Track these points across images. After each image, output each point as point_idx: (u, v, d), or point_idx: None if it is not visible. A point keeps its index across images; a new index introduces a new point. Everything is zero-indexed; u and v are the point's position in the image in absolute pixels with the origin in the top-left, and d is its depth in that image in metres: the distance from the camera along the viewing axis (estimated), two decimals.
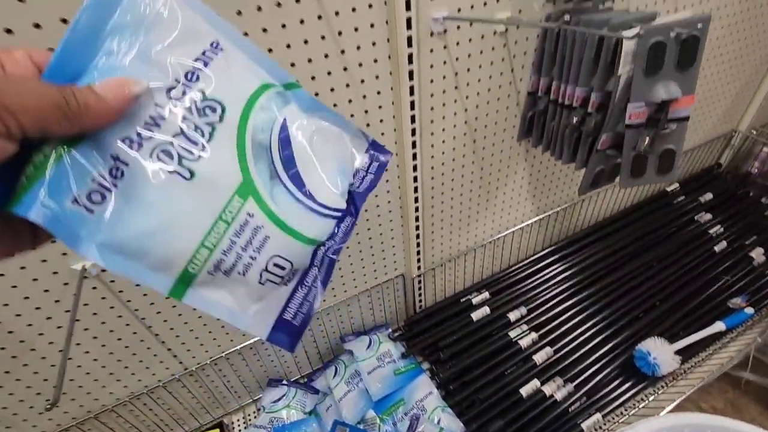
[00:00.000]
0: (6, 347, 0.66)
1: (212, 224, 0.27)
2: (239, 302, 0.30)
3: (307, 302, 0.33)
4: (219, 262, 0.28)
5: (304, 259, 0.32)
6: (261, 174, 0.29)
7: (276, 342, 0.31)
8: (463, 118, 0.84)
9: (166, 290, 0.27)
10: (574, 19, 0.70)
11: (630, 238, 1.27)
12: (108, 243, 0.25)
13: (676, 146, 0.69)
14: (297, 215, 0.30)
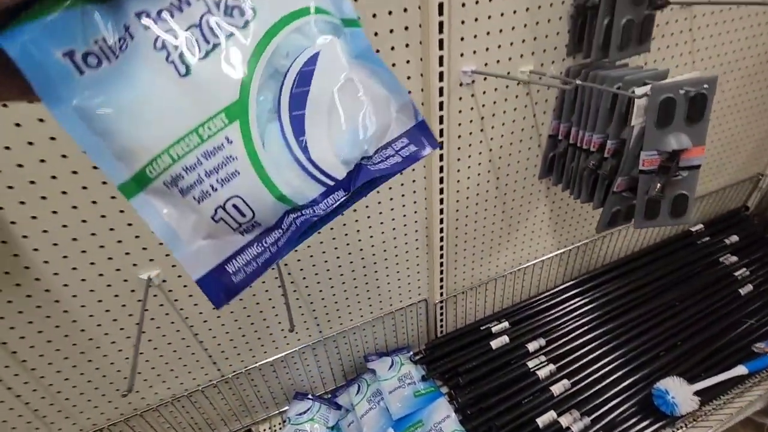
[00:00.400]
0: (77, 343, 0.75)
1: (185, 133, 0.25)
2: (185, 230, 0.27)
3: (255, 263, 0.29)
4: (177, 177, 0.25)
5: (270, 216, 0.28)
6: (261, 103, 0.26)
7: (205, 289, 0.28)
8: (488, 157, 0.91)
9: (118, 182, 0.26)
10: (592, 74, 0.77)
11: (652, 276, 1.29)
12: (83, 110, 0.24)
13: (689, 192, 0.73)
14: (279, 164, 0.27)
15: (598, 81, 0.76)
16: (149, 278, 0.73)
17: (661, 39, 0.92)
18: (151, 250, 0.72)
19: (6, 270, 0.64)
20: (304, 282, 0.90)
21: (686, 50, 0.97)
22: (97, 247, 0.67)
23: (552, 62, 0.84)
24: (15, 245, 0.62)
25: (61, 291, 0.69)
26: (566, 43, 0.83)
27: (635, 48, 0.75)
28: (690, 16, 0.92)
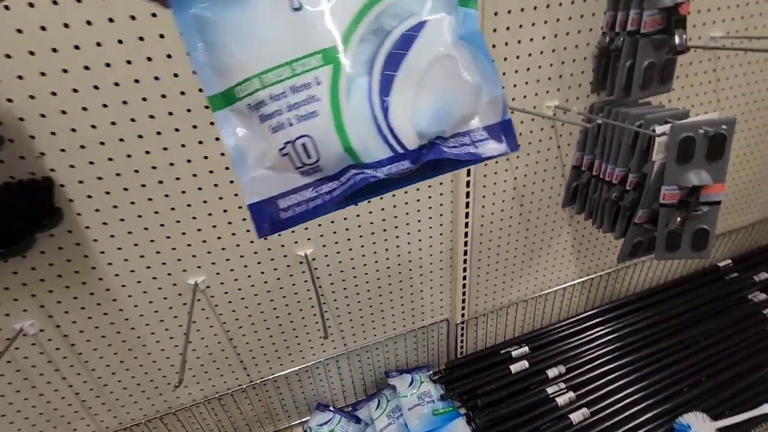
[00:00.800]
0: (127, 340, 0.83)
1: (280, 64, 0.26)
2: (252, 155, 0.28)
3: (306, 206, 0.29)
4: (261, 103, 0.27)
5: (332, 165, 0.28)
6: (357, 55, 0.26)
7: (254, 216, 0.29)
8: (512, 184, 0.96)
9: (209, 93, 0.27)
10: (614, 111, 0.82)
11: (677, 309, 1.28)
12: (198, 18, 0.25)
13: (710, 227, 0.76)
14: (357, 117, 0.27)
15: (620, 118, 0.80)
16: (196, 284, 0.80)
17: (685, 78, 0.95)
18: (200, 257, 0.79)
19: (76, 269, 0.72)
20: (333, 295, 0.95)
21: (710, 89, 1.00)
22: (154, 252, 0.75)
23: (576, 98, 0.89)
24: (86, 247, 0.71)
25: (119, 291, 0.77)
26: (590, 81, 0.87)
27: (657, 88, 0.80)
28: (714, 58, 0.95)
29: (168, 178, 0.69)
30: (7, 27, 0.53)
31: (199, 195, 0.73)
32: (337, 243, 0.88)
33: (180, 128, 0.66)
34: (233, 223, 0.77)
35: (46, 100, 0.58)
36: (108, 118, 0.62)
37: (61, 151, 0.62)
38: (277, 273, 0.87)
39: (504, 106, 0.31)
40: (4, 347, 0.72)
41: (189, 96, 0.64)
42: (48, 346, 0.77)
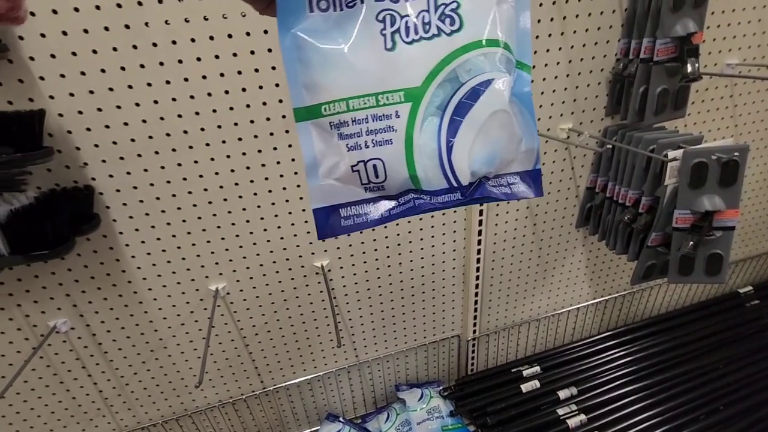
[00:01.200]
0: (150, 342, 0.87)
1: (367, 93, 0.29)
2: (325, 166, 0.32)
3: (364, 218, 0.33)
4: (344, 123, 0.30)
5: (395, 187, 0.33)
6: (434, 96, 0.31)
7: (317, 219, 0.33)
8: (525, 204, 0.98)
9: (296, 105, 0.30)
10: (628, 134, 0.83)
11: (695, 335, 1.25)
12: (298, 38, 0.29)
13: (724, 252, 0.76)
14: (425, 151, 0.31)
15: (633, 142, 0.81)
16: (217, 290, 0.84)
17: (701, 104, 0.96)
18: (222, 265, 0.83)
19: (108, 272, 0.76)
20: (347, 307, 0.98)
21: (728, 115, 1.00)
22: (180, 258, 0.79)
23: (591, 121, 0.91)
24: (118, 252, 0.75)
25: (145, 294, 0.81)
26: (605, 105, 0.89)
27: (671, 114, 0.81)
28: (731, 84, 0.96)
29: (197, 190, 0.74)
30: (64, 50, 0.59)
31: (225, 206, 0.77)
32: (353, 256, 0.91)
33: (210, 143, 0.71)
34: (254, 233, 0.81)
35: (93, 116, 0.64)
36: (146, 132, 0.67)
37: (102, 162, 0.67)
38: (294, 282, 0.90)
39: (537, 157, 0.35)
40: (38, 343, 0.76)
41: (220, 114, 0.69)
42: (77, 344, 0.82)
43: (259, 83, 0.69)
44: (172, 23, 0.61)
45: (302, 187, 0.80)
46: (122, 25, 0.60)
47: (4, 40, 0.56)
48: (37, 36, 0.57)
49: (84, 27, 0.58)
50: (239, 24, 0.64)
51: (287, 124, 0.73)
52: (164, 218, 0.75)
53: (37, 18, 0.57)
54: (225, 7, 0.62)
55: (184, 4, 0.61)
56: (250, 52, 0.66)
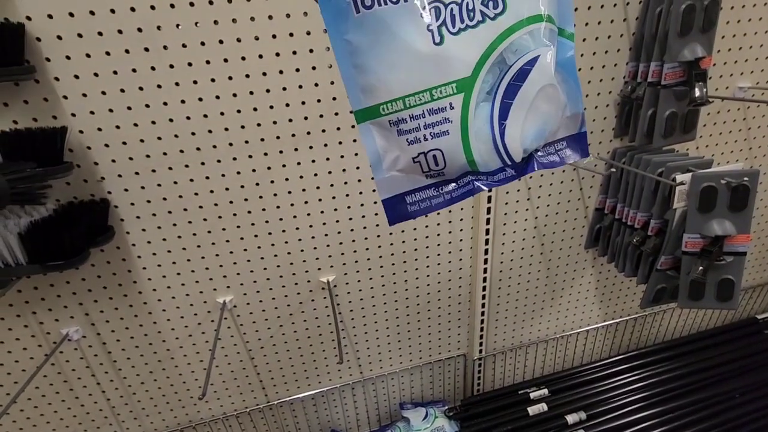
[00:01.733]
0: (157, 352, 0.88)
1: (421, 90, 0.30)
2: (387, 160, 0.34)
3: (429, 202, 0.35)
4: (402, 120, 0.32)
5: (454, 171, 0.34)
6: (484, 83, 0.31)
7: (387, 207, 0.35)
8: (533, 223, 0.97)
9: (355, 108, 0.32)
10: (636, 157, 0.83)
11: (711, 362, 1.21)
12: (351, 44, 0.30)
13: (735, 277, 0.74)
14: (479, 136, 0.32)
15: (642, 165, 0.81)
16: (224, 303, 0.85)
17: (713, 126, 0.95)
18: (230, 278, 0.84)
19: (120, 282, 0.79)
20: (352, 322, 0.98)
21: (741, 138, 0.99)
22: (190, 271, 0.81)
23: (599, 143, 0.90)
24: (131, 263, 0.78)
25: (155, 305, 0.83)
26: (613, 127, 0.89)
27: (680, 137, 0.80)
28: (744, 108, 0.95)
29: (207, 204, 0.76)
30: (87, 71, 0.62)
31: (234, 220, 0.79)
32: (359, 272, 0.92)
33: (222, 160, 0.73)
34: (262, 247, 0.83)
35: (111, 133, 0.67)
36: (161, 149, 0.70)
37: (118, 177, 0.70)
38: (300, 297, 0.91)
39: (582, 121, 0.36)
40: (51, 351, 0.79)
41: (232, 132, 0.71)
42: (88, 352, 0.84)
43: (270, 103, 0.71)
44: (189, 46, 0.64)
45: (309, 203, 0.81)
46: (142, 48, 0.63)
47: (33, 61, 0.60)
48: (63, 58, 0.61)
49: (106, 50, 0.62)
50: (252, 47, 0.66)
51: (296, 142, 0.75)
52: (175, 231, 0.77)
53: (63, 41, 0.60)
54: (239, 32, 0.65)
55: (200, 28, 0.63)
56: (262, 73, 0.69)
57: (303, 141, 0.75)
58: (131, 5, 0.60)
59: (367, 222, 0.86)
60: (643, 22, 0.77)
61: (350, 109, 0.44)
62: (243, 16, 0.64)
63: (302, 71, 0.70)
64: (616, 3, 0.77)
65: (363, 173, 0.81)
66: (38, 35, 0.59)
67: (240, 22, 0.64)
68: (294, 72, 0.70)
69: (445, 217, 0.91)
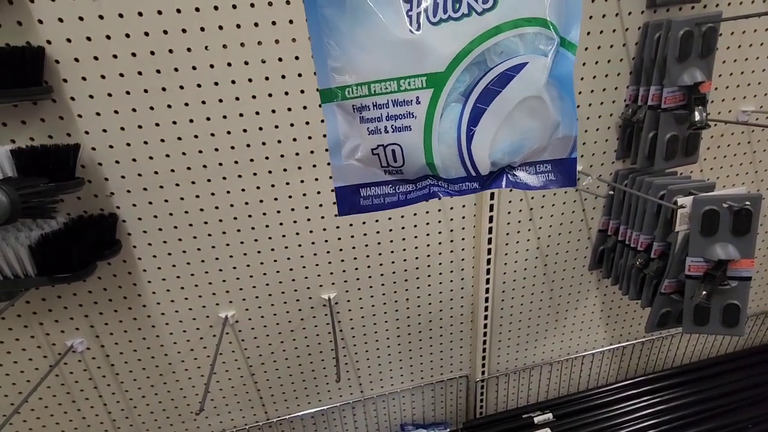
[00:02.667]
0: (159, 365, 0.89)
1: (389, 78, 0.28)
2: (347, 147, 0.32)
3: (382, 199, 0.34)
4: (365, 107, 0.30)
5: (412, 172, 0.32)
6: (458, 82, 0.29)
7: (338, 196, 0.33)
8: (536, 244, 0.97)
9: (321, 86, 0.30)
10: (639, 179, 0.83)
11: (725, 389, 1.18)
12: (325, 16, 0.29)
13: (741, 303, 0.73)
14: (443, 139, 0.30)
15: (644, 187, 0.81)
16: (226, 317, 0.86)
17: (716, 150, 0.95)
18: (232, 293, 0.85)
19: (125, 295, 0.80)
20: (353, 340, 0.98)
21: (746, 161, 0.98)
22: (193, 285, 0.82)
23: (601, 164, 0.91)
24: (136, 276, 0.79)
25: (158, 318, 0.84)
26: (615, 149, 0.90)
27: (681, 160, 0.80)
28: (747, 131, 0.95)
29: (212, 220, 0.78)
30: (101, 92, 0.65)
31: (238, 236, 0.80)
32: (360, 289, 0.92)
33: (227, 177, 0.75)
34: (265, 263, 0.84)
35: (122, 150, 0.69)
36: (169, 166, 0.72)
37: (127, 192, 0.72)
38: (302, 314, 0.91)
39: (574, 145, 0.33)
40: (55, 362, 0.80)
41: (237, 150, 0.73)
42: (91, 364, 0.85)
43: (275, 123, 0.73)
44: (198, 68, 0.67)
45: (312, 220, 0.82)
46: (154, 70, 0.66)
47: (50, 82, 0.63)
48: (80, 79, 0.64)
49: (120, 71, 0.65)
50: (259, 70, 0.69)
51: (300, 161, 0.77)
52: (180, 246, 0.78)
53: (80, 63, 0.63)
54: (247, 55, 0.68)
55: (210, 52, 0.66)
56: (268, 94, 0.71)
57: (306, 159, 0.77)
58: (145, 30, 0.63)
59: (369, 240, 0.87)
60: (642, 47, 0.79)
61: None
62: (251, 40, 0.67)
63: (307, 93, 0.72)
64: (616, 29, 0.79)
65: None
66: (57, 58, 0.62)
67: (248, 46, 0.67)
68: (299, 94, 0.72)
69: (447, 236, 0.91)
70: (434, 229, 0.90)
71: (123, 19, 0.62)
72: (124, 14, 0.62)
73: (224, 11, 0.65)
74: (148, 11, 0.62)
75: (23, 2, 0.59)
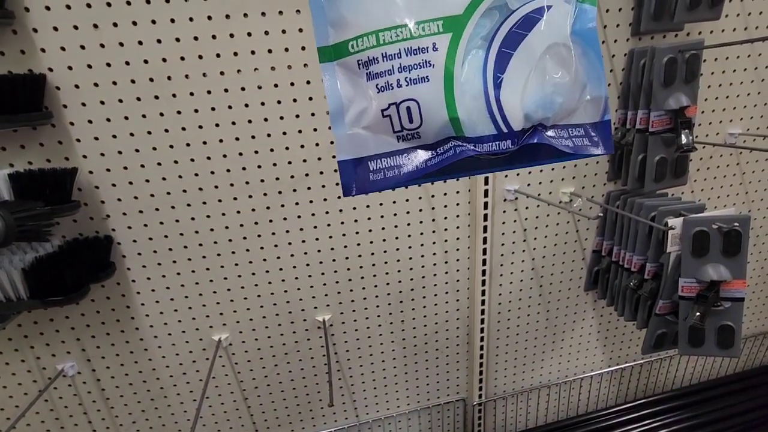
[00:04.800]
0: (151, 390, 0.88)
1: (400, 24, 0.25)
2: (352, 112, 0.28)
3: (397, 172, 0.28)
4: (372, 60, 0.26)
5: (432, 133, 0.27)
6: (478, 27, 0.26)
7: (342, 173, 0.28)
8: (530, 265, 0.97)
9: (320, 44, 0.27)
10: (630, 200, 0.84)
11: (725, 412, 1.16)
12: None
13: (735, 324, 0.73)
14: (468, 90, 0.26)
15: (635, 209, 0.82)
16: (219, 340, 0.85)
17: (706, 171, 0.97)
18: (226, 315, 0.85)
19: (118, 318, 0.80)
20: (348, 363, 0.97)
21: (736, 182, 1.00)
22: (187, 308, 0.82)
23: (593, 186, 0.92)
24: (129, 299, 0.79)
25: (151, 341, 0.83)
26: (606, 171, 0.91)
27: (671, 181, 0.82)
28: (736, 153, 0.96)
29: (207, 242, 0.78)
30: (100, 117, 0.67)
31: (233, 258, 0.80)
32: (355, 311, 0.92)
33: (222, 200, 0.76)
34: (259, 285, 0.84)
35: (119, 173, 0.70)
36: (165, 189, 0.73)
37: (123, 215, 0.73)
38: (296, 336, 0.90)
39: (605, 107, 0.30)
40: (45, 386, 0.79)
41: (233, 173, 0.75)
42: (81, 389, 0.84)
43: (271, 146, 0.74)
44: (196, 94, 0.69)
45: (307, 242, 0.83)
46: (152, 96, 0.67)
47: (51, 107, 0.64)
48: (79, 105, 0.65)
49: (119, 97, 0.66)
50: (255, 95, 0.71)
51: (295, 183, 0.78)
52: (175, 268, 0.78)
53: (80, 89, 0.65)
54: (243, 82, 0.70)
55: (207, 78, 0.68)
56: (264, 119, 0.72)
57: (301, 182, 0.78)
58: (145, 58, 0.65)
59: (363, 262, 0.87)
60: (629, 72, 0.81)
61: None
62: (247, 67, 0.69)
63: (302, 117, 0.74)
64: (603, 56, 0.81)
65: (360, 214, 0.83)
66: (58, 84, 0.64)
67: (244, 72, 0.69)
68: (294, 118, 0.74)
69: (441, 257, 0.92)
70: (429, 250, 0.90)
71: (123, 47, 0.64)
72: (125, 43, 0.64)
73: (222, 40, 0.67)
74: (148, 40, 0.64)
75: (27, 32, 0.61)
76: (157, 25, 0.64)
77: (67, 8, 0.61)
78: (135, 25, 0.63)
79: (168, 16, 0.64)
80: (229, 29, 0.67)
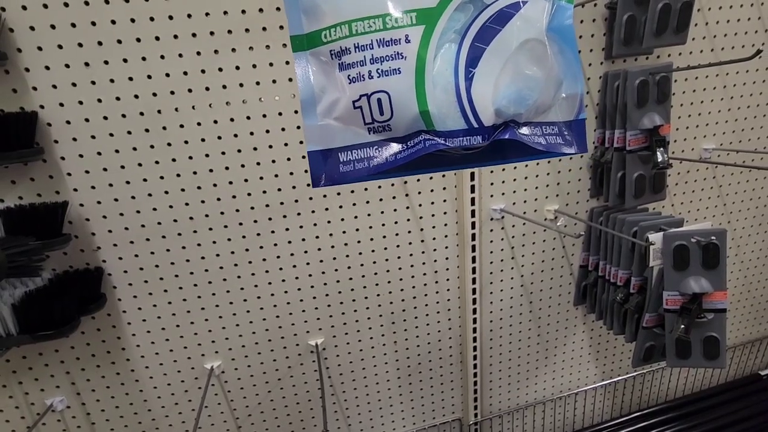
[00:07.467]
0: (142, 422, 0.86)
1: (373, 15, 0.25)
2: (323, 103, 0.28)
3: (366, 164, 0.28)
4: (345, 50, 0.26)
5: (403, 126, 0.27)
6: (452, 20, 0.26)
7: (312, 164, 0.28)
8: (519, 281, 0.99)
9: (293, 33, 0.27)
10: (612, 216, 0.86)
11: (717, 422, 1.17)
12: None
13: (719, 335, 0.74)
14: (439, 83, 0.26)
15: (617, 224, 0.84)
16: (212, 368, 0.85)
17: (684, 185, 1.00)
18: (218, 343, 0.85)
19: (108, 350, 0.79)
20: (342, 386, 0.97)
21: (714, 195, 1.03)
22: (178, 337, 0.82)
23: (577, 203, 0.94)
24: (120, 330, 0.79)
25: (142, 372, 0.82)
26: (588, 188, 0.94)
27: (650, 197, 0.84)
28: (711, 167, 1.00)
29: (198, 271, 0.78)
30: (91, 151, 0.68)
31: (224, 285, 0.81)
32: (347, 334, 0.92)
33: (213, 228, 0.77)
34: (251, 311, 0.84)
35: (110, 205, 0.71)
36: (155, 219, 0.73)
37: (114, 246, 0.73)
38: (289, 361, 0.90)
39: (581, 106, 0.30)
40: (33, 422, 0.77)
41: (223, 201, 0.76)
42: (71, 424, 0.82)
43: (260, 174, 0.76)
44: (186, 126, 0.70)
45: (297, 267, 0.84)
46: (143, 129, 0.69)
47: (42, 143, 0.65)
48: (70, 140, 0.67)
49: (110, 131, 0.68)
50: (244, 125, 0.73)
51: (285, 209, 0.79)
52: (166, 297, 0.79)
53: (71, 125, 0.66)
54: (232, 113, 0.71)
55: (197, 111, 0.70)
56: (253, 148, 0.74)
57: (291, 209, 0.79)
58: (135, 93, 0.67)
59: (355, 284, 0.88)
60: (604, 94, 0.84)
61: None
62: (236, 99, 0.71)
63: (290, 145, 0.76)
64: None
65: (350, 237, 0.84)
66: (49, 121, 0.65)
67: (233, 104, 0.71)
68: (283, 146, 0.75)
69: (431, 277, 0.93)
70: (419, 270, 0.91)
71: (114, 83, 0.66)
72: (115, 79, 0.66)
73: (210, 74, 0.69)
74: (138, 76, 0.66)
75: (19, 71, 0.62)
76: (147, 61, 0.66)
77: (59, 48, 0.62)
78: (126, 62, 0.65)
79: (158, 52, 0.66)
80: (218, 63, 0.69)
